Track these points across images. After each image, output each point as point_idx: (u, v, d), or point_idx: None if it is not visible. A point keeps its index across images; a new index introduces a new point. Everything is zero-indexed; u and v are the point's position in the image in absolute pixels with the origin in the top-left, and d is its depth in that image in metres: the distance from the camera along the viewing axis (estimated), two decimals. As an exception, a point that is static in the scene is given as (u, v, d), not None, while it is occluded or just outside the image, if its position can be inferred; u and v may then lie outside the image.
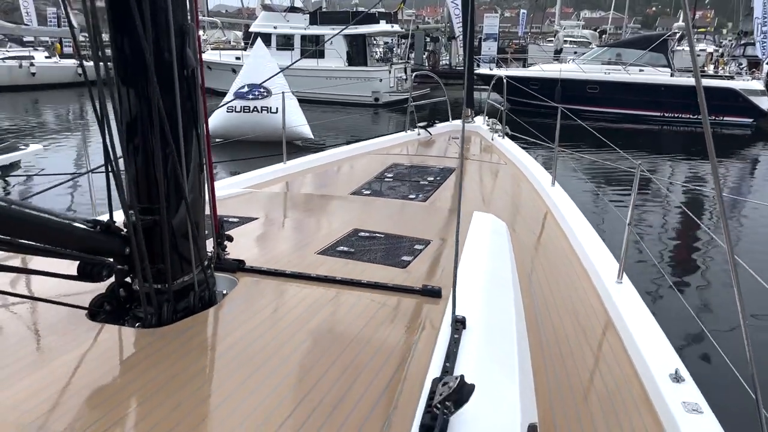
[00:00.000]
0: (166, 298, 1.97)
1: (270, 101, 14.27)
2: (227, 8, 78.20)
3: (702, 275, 7.12)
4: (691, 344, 5.19)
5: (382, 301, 2.19)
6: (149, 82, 1.83)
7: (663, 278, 6.35)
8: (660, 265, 7.04)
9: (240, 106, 14.37)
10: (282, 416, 1.47)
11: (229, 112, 14.16)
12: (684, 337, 5.19)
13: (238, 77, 14.96)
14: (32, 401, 1.49)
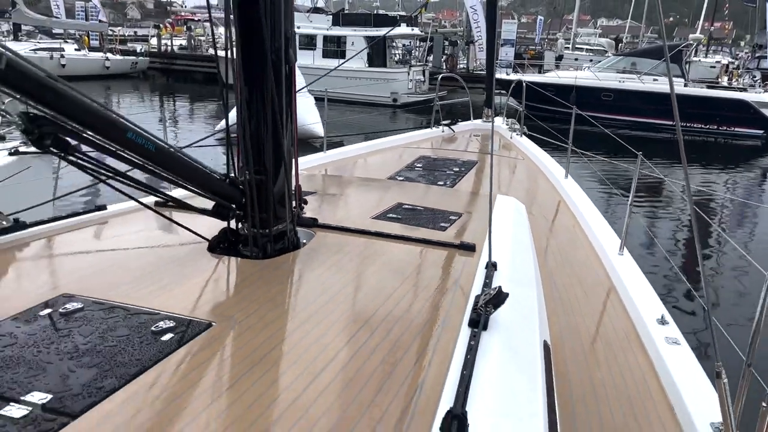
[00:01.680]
0: (268, 240, 2.58)
1: None
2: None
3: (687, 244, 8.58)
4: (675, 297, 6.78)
5: (428, 252, 2.78)
6: (266, 75, 2.43)
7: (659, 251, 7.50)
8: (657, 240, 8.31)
9: None
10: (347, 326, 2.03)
11: None
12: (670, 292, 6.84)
13: None
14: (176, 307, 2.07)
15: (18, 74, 1.66)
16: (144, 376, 1.61)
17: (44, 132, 1.78)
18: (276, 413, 1.50)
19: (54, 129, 1.80)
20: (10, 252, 2.51)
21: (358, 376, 1.69)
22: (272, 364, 1.74)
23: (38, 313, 1.93)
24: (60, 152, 1.86)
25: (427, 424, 1.47)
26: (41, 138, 1.78)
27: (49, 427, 1.38)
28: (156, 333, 1.84)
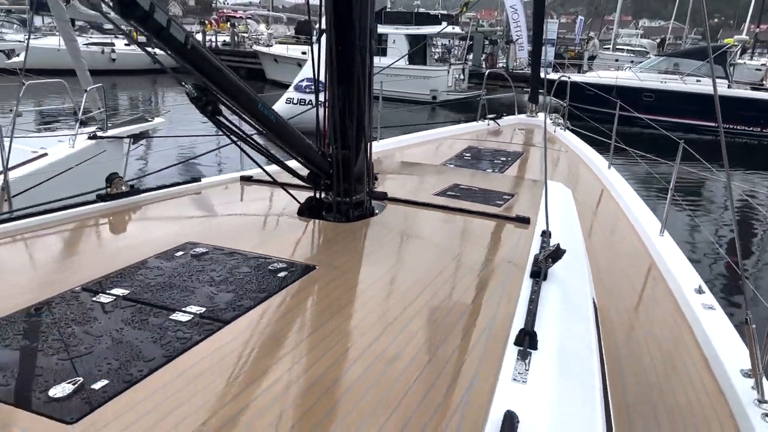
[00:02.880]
0: (349, 207, 2.96)
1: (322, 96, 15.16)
2: (284, 4, 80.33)
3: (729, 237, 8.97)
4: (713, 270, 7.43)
5: (487, 223, 3.12)
6: (354, 64, 2.81)
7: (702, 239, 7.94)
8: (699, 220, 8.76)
9: (297, 98, 15.30)
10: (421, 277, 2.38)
11: (287, 104, 15.10)
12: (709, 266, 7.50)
13: (302, 71, 16.01)
14: (283, 254, 2.47)
15: (197, 55, 2.08)
16: (271, 300, 2.00)
17: (208, 100, 2.20)
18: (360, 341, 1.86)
19: (214, 98, 2.22)
20: (132, 211, 2.94)
21: (434, 316, 2.04)
22: (360, 301, 2.11)
23: (174, 254, 2.34)
24: (215, 117, 2.29)
25: (499, 351, 1.81)
26: (206, 105, 2.20)
27: (209, 329, 1.77)
28: (273, 271, 2.23)
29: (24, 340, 1.65)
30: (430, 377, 1.61)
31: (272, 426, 1.35)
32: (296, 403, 1.45)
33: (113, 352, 1.61)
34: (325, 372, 1.60)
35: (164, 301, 1.93)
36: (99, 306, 1.87)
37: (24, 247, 2.46)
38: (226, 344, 1.71)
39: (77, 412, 1.35)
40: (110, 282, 2.05)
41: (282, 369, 1.61)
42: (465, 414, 1.45)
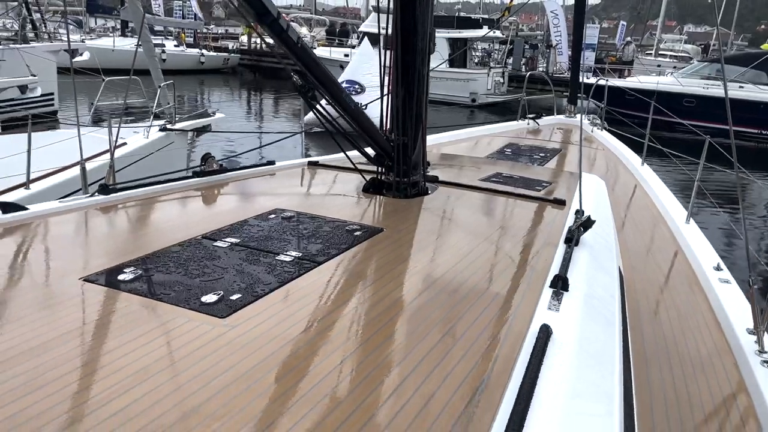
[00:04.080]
0: (407, 185, 3.43)
1: (362, 97, 15.51)
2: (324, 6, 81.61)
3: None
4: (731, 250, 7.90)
5: (527, 203, 3.55)
6: (416, 62, 3.28)
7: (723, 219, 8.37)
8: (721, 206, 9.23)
9: None
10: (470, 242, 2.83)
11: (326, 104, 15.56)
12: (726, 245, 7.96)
13: (343, 73, 16.51)
14: (355, 219, 2.95)
15: (304, 52, 2.59)
16: (351, 250, 2.48)
17: (309, 87, 2.70)
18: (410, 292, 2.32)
19: (313, 87, 2.73)
20: (223, 185, 3.46)
21: (484, 265, 2.49)
22: (423, 253, 2.58)
23: (267, 216, 2.84)
24: (313, 102, 2.81)
25: (538, 290, 2.24)
26: (307, 91, 2.71)
27: (307, 267, 2.26)
28: (349, 231, 2.71)
29: (175, 267, 2.17)
30: (485, 302, 2.06)
31: (356, 334, 1.82)
32: (375, 320, 1.92)
33: (239, 278, 2.11)
34: (399, 298, 2.08)
35: (268, 248, 2.43)
36: (219, 249, 2.38)
37: (148, 206, 3.00)
38: (321, 277, 2.20)
39: (225, 311, 1.85)
40: (222, 234, 2.56)
41: (364, 296, 2.08)
42: (512, 325, 1.90)
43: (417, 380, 1.55)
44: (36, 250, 2.37)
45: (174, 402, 1.39)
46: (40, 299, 1.89)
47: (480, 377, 1.60)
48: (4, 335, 1.65)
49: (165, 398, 1.40)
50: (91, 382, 1.45)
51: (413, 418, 1.39)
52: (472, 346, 1.77)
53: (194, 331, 1.73)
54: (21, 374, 1.46)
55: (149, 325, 1.75)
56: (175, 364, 1.55)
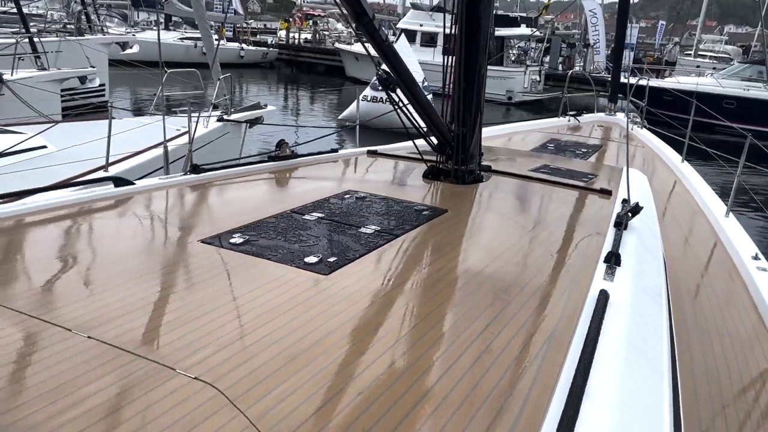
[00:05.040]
0: (464, 173, 3.73)
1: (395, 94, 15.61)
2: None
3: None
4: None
5: (575, 193, 3.82)
6: (478, 59, 3.58)
7: None
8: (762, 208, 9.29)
9: (371, 96, 15.95)
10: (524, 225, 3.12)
11: (363, 101, 15.79)
12: None
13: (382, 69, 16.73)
14: (422, 201, 3.26)
15: (390, 49, 2.91)
16: (422, 226, 2.79)
17: (390, 81, 3.03)
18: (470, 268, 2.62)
19: (394, 80, 3.05)
20: (295, 168, 3.80)
21: (540, 243, 2.77)
22: (485, 231, 2.88)
23: (344, 196, 3.17)
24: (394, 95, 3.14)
25: (593, 265, 2.51)
26: (389, 84, 3.03)
27: (387, 238, 2.57)
28: (417, 211, 3.02)
29: (275, 234, 2.50)
30: (545, 271, 2.36)
31: (434, 293, 2.13)
32: (451, 283, 2.22)
33: (331, 245, 2.43)
34: (468, 267, 2.38)
35: (350, 222, 2.75)
36: (309, 222, 2.71)
37: (234, 184, 3.35)
38: (400, 247, 2.51)
39: (326, 270, 2.17)
40: (308, 209, 2.89)
41: (438, 264, 2.39)
42: (573, 290, 2.19)
43: (494, 330, 1.86)
44: (150, 217, 2.73)
45: (301, 335, 1.72)
46: (170, 256, 2.24)
47: (548, 331, 1.89)
48: (150, 282, 1.99)
49: (294, 331, 1.73)
50: (232, 318, 1.79)
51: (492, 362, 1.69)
52: (538, 307, 2.07)
53: (304, 284, 2.06)
54: (175, 310, 1.81)
55: (266, 278, 2.08)
56: (295, 307, 1.88)
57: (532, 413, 1.45)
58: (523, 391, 1.55)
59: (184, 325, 1.72)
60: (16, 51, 9.99)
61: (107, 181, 3.00)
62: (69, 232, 2.48)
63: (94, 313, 1.75)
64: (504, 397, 1.52)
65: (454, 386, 1.55)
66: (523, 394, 1.54)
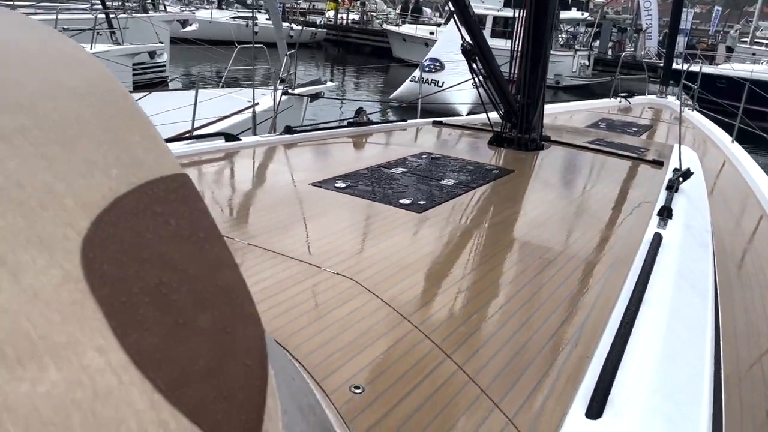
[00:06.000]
0: (527, 140, 4.09)
1: (440, 75, 15.63)
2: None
3: None
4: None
5: (629, 163, 4.14)
6: (544, 37, 3.92)
7: None
8: None
9: (417, 77, 16.17)
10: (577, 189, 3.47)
11: (411, 82, 16.05)
12: None
13: (430, 51, 16.97)
14: (490, 162, 3.64)
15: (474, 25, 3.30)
16: (494, 182, 3.18)
17: (473, 53, 3.41)
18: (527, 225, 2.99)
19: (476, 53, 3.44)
20: (371, 134, 4.22)
21: (598, 200, 3.12)
22: (549, 188, 3.24)
23: (420, 156, 3.57)
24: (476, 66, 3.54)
25: (647, 218, 2.85)
26: (472, 55, 3.42)
27: (464, 190, 2.97)
28: (488, 170, 3.41)
29: (370, 183, 2.93)
30: (603, 220, 2.73)
31: (506, 237, 2.52)
32: (520, 228, 2.62)
33: (419, 192, 2.84)
34: (536, 216, 2.76)
35: (431, 176, 3.15)
36: (395, 174, 3.12)
37: (323, 144, 3.79)
38: (476, 197, 2.91)
39: (418, 209, 2.58)
40: (391, 165, 3.30)
41: (510, 212, 2.78)
42: (628, 236, 2.56)
43: (561, 260, 2.24)
44: (261, 166, 3.19)
45: (407, 252, 2.14)
46: (289, 194, 2.69)
47: (606, 264, 2.27)
48: (284, 210, 2.43)
49: (402, 249, 2.15)
50: (354, 237, 2.22)
51: (563, 281, 2.08)
52: (598, 246, 2.44)
53: (403, 218, 2.48)
54: (310, 230, 2.25)
55: (372, 211, 2.51)
56: (399, 234, 2.31)
57: (598, 314, 1.84)
58: (590, 301, 1.94)
59: (322, 239, 2.16)
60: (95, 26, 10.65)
61: (218, 136, 3.46)
62: (198, 176, 2.96)
63: (264, 229, 2.21)
64: (574, 303, 1.91)
65: (535, 292, 1.95)
66: (590, 302, 1.93)
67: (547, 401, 1.40)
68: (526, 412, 1.36)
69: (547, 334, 1.72)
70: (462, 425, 1.30)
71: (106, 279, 0.47)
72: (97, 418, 0.41)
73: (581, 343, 1.68)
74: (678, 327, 1.90)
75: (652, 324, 1.74)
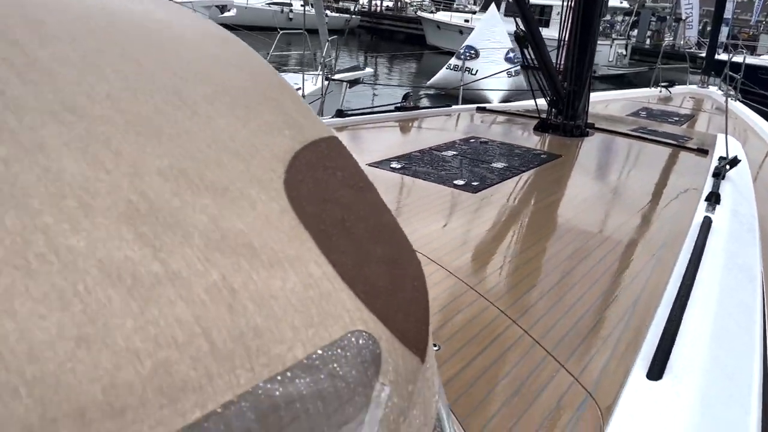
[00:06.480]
0: (573, 126, 4.16)
1: (474, 63, 15.37)
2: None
3: None
4: None
5: (674, 150, 4.18)
6: (593, 27, 3.97)
7: None
8: None
9: (453, 64, 16.20)
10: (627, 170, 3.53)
11: (447, 69, 16.07)
12: None
13: (468, 38, 16.93)
14: (537, 147, 3.72)
15: (528, 11, 3.37)
16: (542, 166, 3.27)
17: (526, 40, 3.50)
18: None
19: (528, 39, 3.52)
20: (418, 118, 4.33)
21: (644, 183, 3.19)
22: (596, 170, 3.31)
23: (469, 140, 3.67)
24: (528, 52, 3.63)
25: (694, 203, 2.91)
26: (525, 42, 3.50)
27: (513, 173, 3.06)
28: (536, 154, 3.49)
29: (423, 164, 3.04)
30: (652, 204, 2.80)
31: (558, 215, 2.61)
32: (572, 208, 2.70)
33: (471, 174, 2.95)
34: (586, 197, 2.85)
35: (480, 159, 3.25)
36: (446, 157, 3.23)
37: (373, 127, 3.91)
38: (525, 180, 3.00)
39: (473, 190, 2.69)
40: (441, 148, 3.41)
41: (558, 194, 2.87)
42: (678, 219, 2.63)
43: (617, 237, 2.33)
44: None
45: (466, 229, 2.25)
46: None
47: (657, 245, 2.35)
48: None
49: (461, 226, 2.27)
50: (414, 219, 2.34)
51: (615, 259, 2.17)
52: (646, 229, 2.52)
53: (460, 198, 2.59)
54: None
55: (430, 191, 2.63)
56: (458, 211, 2.42)
57: (652, 289, 1.93)
58: (643, 278, 2.03)
59: None
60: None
61: None
62: None
63: None
64: (627, 279, 2.01)
65: (590, 268, 2.05)
66: (644, 279, 2.02)
67: (609, 363, 1.50)
68: (591, 372, 1.46)
69: (604, 306, 1.83)
70: (531, 382, 1.42)
71: (306, 213, 0.59)
72: (325, 312, 0.53)
73: (637, 315, 1.78)
74: (729, 305, 1.99)
75: (705, 300, 1.83)
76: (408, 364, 0.58)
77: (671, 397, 1.36)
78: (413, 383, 0.59)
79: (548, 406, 1.35)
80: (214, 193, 0.53)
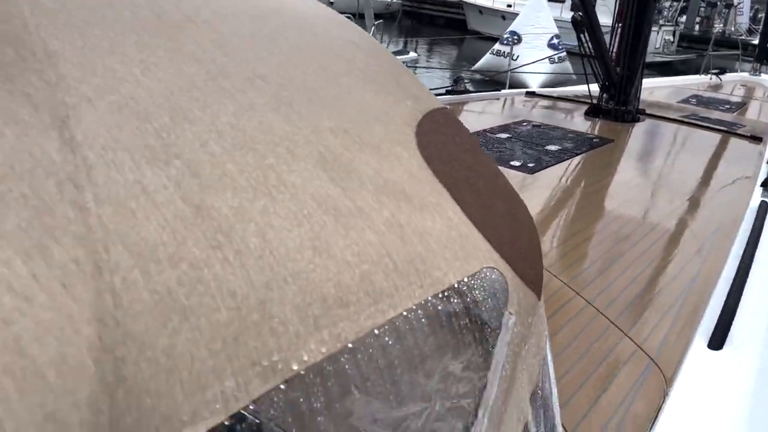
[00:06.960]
0: (624, 112, 4.17)
1: (516, 48, 14.96)
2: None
3: None
4: None
5: (727, 137, 4.16)
6: (647, 13, 3.96)
7: None
8: None
9: (496, 50, 16.13)
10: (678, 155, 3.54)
11: (490, 54, 16.03)
12: None
13: (512, 24, 16.78)
14: (590, 132, 3.76)
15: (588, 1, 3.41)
16: (594, 150, 3.31)
17: (582, 24, 3.54)
18: None
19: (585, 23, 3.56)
20: (472, 101, 4.39)
21: (696, 168, 3.20)
22: (648, 154, 3.34)
23: (522, 123, 3.73)
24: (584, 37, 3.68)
25: (749, 191, 2.93)
26: (582, 26, 3.54)
27: (568, 156, 3.11)
28: (589, 138, 3.53)
29: (479, 146, 3.11)
30: (703, 190, 2.83)
31: (612, 196, 2.66)
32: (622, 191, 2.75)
33: (526, 156, 3.02)
34: (639, 182, 2.89)
35: (535, 142, 3.31)
36: (501, 138, 3.30)
37: None
38: (579, 162, 3.06)
39: (528, 171, 2.76)
40: (494, 131, 3.48)
41: (612, 177, 2.92)
42: (731, 205, 2.66)
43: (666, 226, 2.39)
44: None
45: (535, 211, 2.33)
46: None
47: (713, 227, 2.39)
48: None
49: None
50: None
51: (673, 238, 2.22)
52: (701, 212, 2.56)
53: (516, 178, 2.67)
54: None
55: None
56: None
57: (710, 267, 1.99)
58: (702, 256, 2.09)
59: None
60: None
61: None
62: None
63: None
64: (685, 258, 2.07)
65: (648, 247, 2.11)
66: (702, 257, 2.08)
67: (671, 333, 1.58)
68: (652, 341, 1.54)
69: (662, 283, 1.89)
70: (596, 349, 1.50)
71: (438, 170, 0.69)
72: (465, 249, 0.63)
73: (695, 291, 1.84)
74: None
75: (764, 277, 1.88)
76: (528, 299, 0.68)
77: (732, 367, 1.44)
78: (532, 316, 0.69)
79: (613, 370, 1.44)
80: (371, 149, 0.64)
